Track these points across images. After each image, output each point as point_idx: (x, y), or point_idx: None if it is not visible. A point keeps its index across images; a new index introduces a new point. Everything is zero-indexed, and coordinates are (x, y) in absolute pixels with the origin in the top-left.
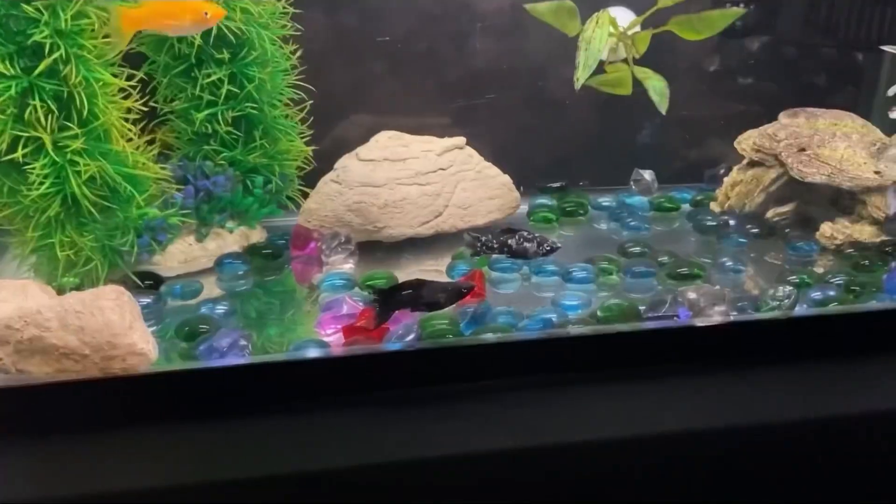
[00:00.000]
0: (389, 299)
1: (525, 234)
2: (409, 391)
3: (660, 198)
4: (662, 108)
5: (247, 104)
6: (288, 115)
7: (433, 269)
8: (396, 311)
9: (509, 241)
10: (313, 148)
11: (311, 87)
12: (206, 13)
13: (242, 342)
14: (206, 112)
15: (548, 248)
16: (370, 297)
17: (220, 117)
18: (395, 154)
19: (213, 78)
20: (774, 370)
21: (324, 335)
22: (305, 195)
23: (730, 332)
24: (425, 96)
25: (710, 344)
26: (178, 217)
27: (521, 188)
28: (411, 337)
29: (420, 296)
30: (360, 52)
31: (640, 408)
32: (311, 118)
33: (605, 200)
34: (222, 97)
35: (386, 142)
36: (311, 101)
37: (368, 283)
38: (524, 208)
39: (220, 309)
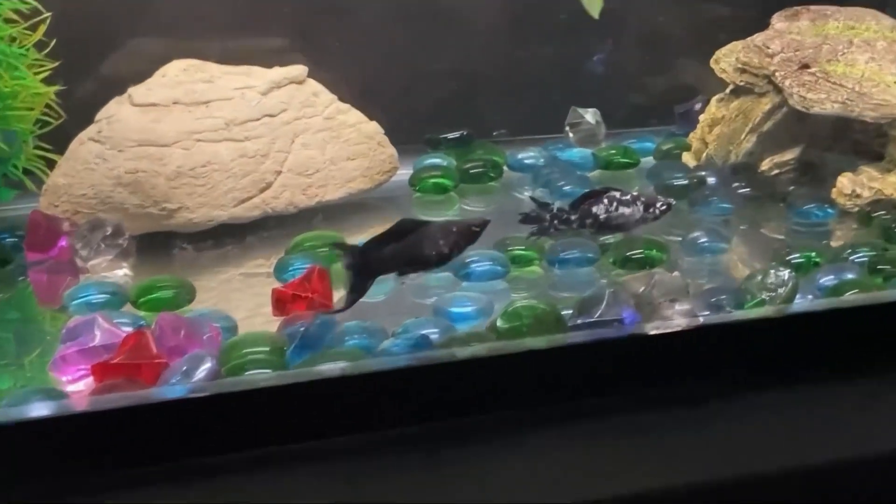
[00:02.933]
0: (367, 260)
1: (617, 193)
2: (202, 462)
3: (609, 149)
4: (594, 9)
5: None
6: (15, 39)
7: (261, 272)
8: (372, 281)
9: (594, 210)
10: (60, 88)
11: None
12: None
13: None
14: None
15: (662, 209)
16: (338, 256)
17: None
18: (191, 94)
19: None
20: (764, 396)
21: (63, 380)
22: (52, 165)
23: (696, 341)
24: (245, 5)
25: (667, 360)
26: None
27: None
28: (203, 374)
29: (414, 249)
30: None
31: (565, 469)
32: (56, 41)
33: (529, 156)
34: None
35: (178, 76)
36: (52, 14)
37: (146, 295)
38: (404, 172)
39: None
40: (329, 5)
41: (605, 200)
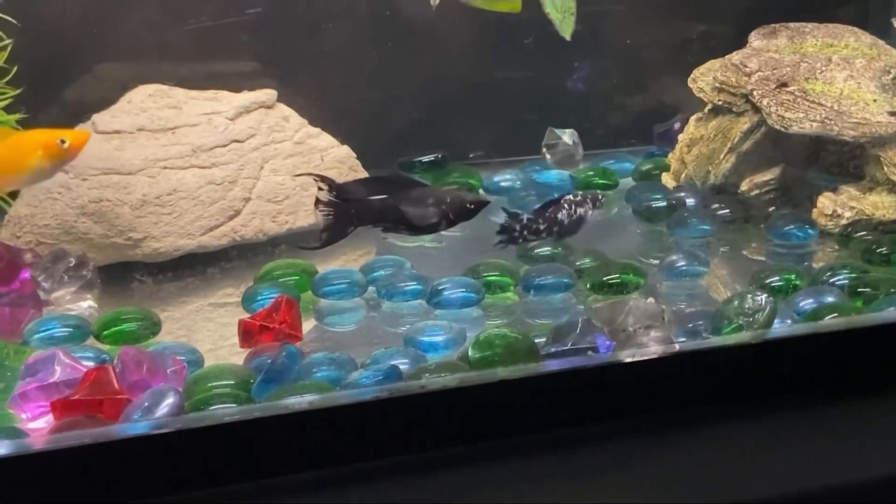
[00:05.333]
0: (349, 203)
1: (570, 197)
2: (163, 500)
3: (587, 170)
4: (565, 30)
5: None
6: None
7: (230, 302)
8: (353, 228)
9: (559, 216)
10: (22, 117)
11: (12, 19)
12: (64, 141)
13: None
14: None
15: (601, 200)
16: (325, 195)
17: None
18: (157, 121)
19: None
20: (743, 425)
21: (23, 417)
22: (14, 195)
23: (672, 369)
24: (212, 29)
25: (642, 388)
26: None
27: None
28: (165, 409)
29: (402, 208)
30: None
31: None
32: (19, 66)
33: (506, 178)
34: None
35: (143, 102)
36: (14, 41)
37: (109, 328)
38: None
39: None
40: (299, 27)
41: (566, 205)
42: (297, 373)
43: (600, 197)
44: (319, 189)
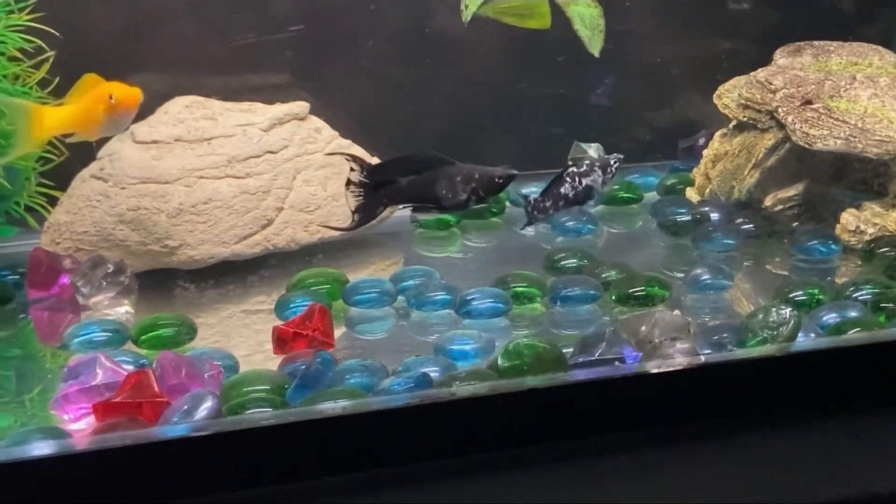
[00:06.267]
0: (380, 183)
1: (573, 169)
2: (200, 501)
3: (613, 184)
4: (594, 47)
5: None
6: (18, 77)
7: (263, 309)
8: (383, 209)
9: (562, 190)
10: None
11: (56, 32)
12: (111, 97)
13: None
14: None
15: (615, 165)
16: (356, 175)
17: None
18: (193, 131)
19: None
20: (767, 436)
21: (65, 419)
22: (54, 202)
23: (698, 380)
24: (248, 42)
25: (668, 399)
26: None
27: None
28: (204, 413)
29: (431, 185)
30: None
31: None
32: (59, 79)
33: (531, 191)
34: None
35: (181, 113)
36: (56, 52)
37: (147, 333)
38: (408, 208)
39: None
40: (332, 42)
41: (568, 178)
42: (331, 379)
43: (612, 162)
44: (351, 170)
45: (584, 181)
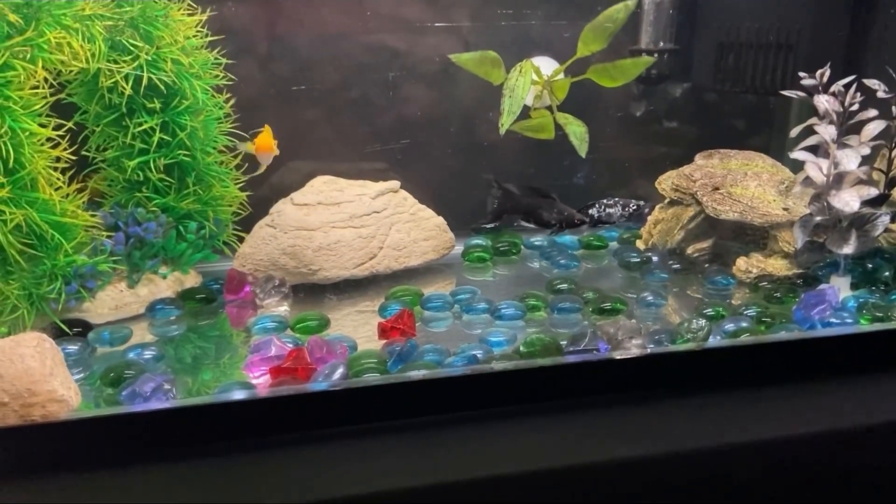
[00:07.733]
0: (509, 195)
1: (605, 200)
2: (336, 430)
3: (588, 236)
4: (582, 151)
5: (179, 151)
6: (222, 162)
7: (369, 310)
8: (505, 215)
9: (591, 212)
10: (249, 194)
11: (245, 134)
12: (253, 143)
13: (166, 386)
14: (138, 160)
15: (633, 209)
16: (493, 190)
17: (152, 165)
18: (329, 198)
19: (145, 126)
20: (688, 399)
21: (251, 377)
22: (242, 240)
23: (646, 364)
24: (360, 143)
25: (627, 375)
26: (107, 264)
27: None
28: (338, 376)
29: (538, 207)
30: (294, 101)
31: (560, 440)
32: (247, 165)
33: (538, 240)
34: (154, 145)
35: (321, 186)
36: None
37: (300, 324)
38: (459, 248)
39: (148, 354)
40: (413, 144)
41: (597, 205)
42: (415, 356)
43: (631, 204)
44: (492, 187)
45: (608, 210)
